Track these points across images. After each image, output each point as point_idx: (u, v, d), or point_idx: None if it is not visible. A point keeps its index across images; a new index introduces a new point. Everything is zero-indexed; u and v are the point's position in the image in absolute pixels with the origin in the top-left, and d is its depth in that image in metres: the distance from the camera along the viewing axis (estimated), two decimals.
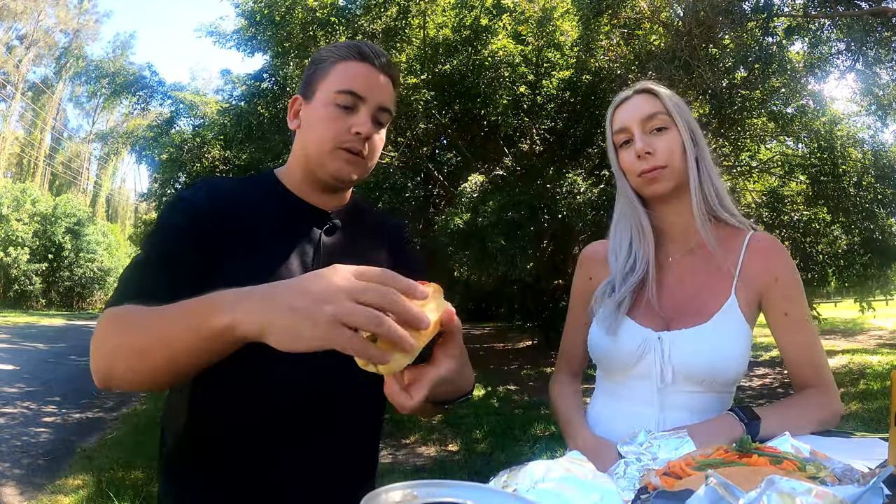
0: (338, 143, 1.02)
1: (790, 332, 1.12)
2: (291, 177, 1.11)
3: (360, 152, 1.04)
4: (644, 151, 1.12)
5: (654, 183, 1.13)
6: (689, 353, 1.08)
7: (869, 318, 11.53)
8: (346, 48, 1.05)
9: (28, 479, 3.93)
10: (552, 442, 4.85)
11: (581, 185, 6.95)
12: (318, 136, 1.03)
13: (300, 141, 1.09)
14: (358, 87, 1.02)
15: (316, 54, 1.10)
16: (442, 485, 0.50)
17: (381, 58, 1.06)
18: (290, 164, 1.12)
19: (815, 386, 1.09)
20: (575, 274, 1.32)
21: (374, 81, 1.04)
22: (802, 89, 7.29)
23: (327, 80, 1.04)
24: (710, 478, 0.57)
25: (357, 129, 1.01)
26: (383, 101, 1.05)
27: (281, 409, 0.97)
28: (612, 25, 6.93)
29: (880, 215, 8.24)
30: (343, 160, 1.03)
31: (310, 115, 1.06)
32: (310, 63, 1.10)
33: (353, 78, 1.03)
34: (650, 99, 1.15)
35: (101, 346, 0.82)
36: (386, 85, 1.06)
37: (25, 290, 23.46)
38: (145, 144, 10.10)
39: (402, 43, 7.90)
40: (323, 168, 1.04)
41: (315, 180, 1.07)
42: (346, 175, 1.04)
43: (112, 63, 15.27)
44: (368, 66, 1.04)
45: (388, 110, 1.07)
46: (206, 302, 0.69)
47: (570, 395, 1.24)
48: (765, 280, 1.12)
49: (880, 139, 8.26)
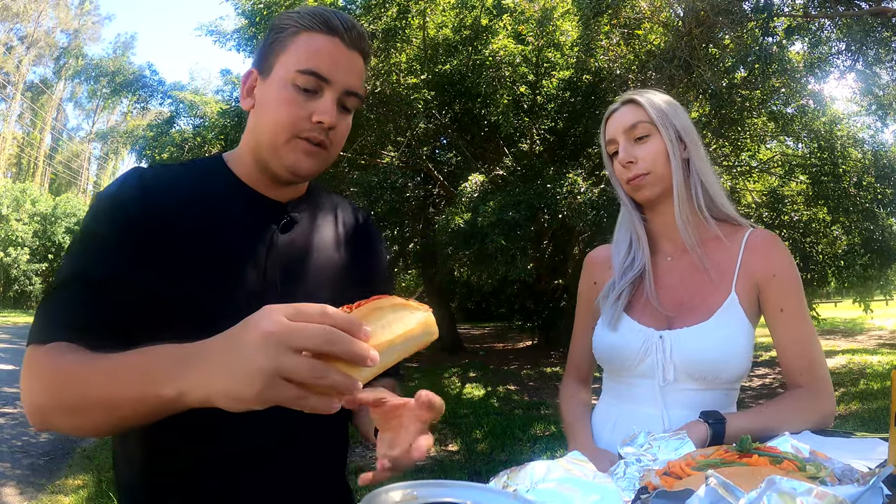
0: (295, 131, 0.87)
1: (785, 329, 1.12)
2: (242, 164, 0.95)
3: (322, 143, 0.89)
4: (626, 161, 1.16)
5: (639, 189, 1.17)
6: (691, 350, 1.09)
7: (869, 317, 11.54)
8: (311, 16, 0.88)
9: (28, 479, 3.93)
10: (552, 442, 4.86)
11: (581, 185, 6.95)
12: (273, 122, 0.88)
13: (252, 125, 0.93)
14: (323, 66, 0.87)
15: (276, 19, 0.92)
16: (442, 485, 0.50)
17: (352, 31, 0.89)
18: (241, 150, 0.96)
19: (807, 386, 1.09)
20: (580, 279, 1.34)
21: (342, 59, 0.88)
22: (802, 89, 7.29)
23: (287, 55, 0.88)
24: (710, 478, 0.57)
25: (319, 118, 0.87)
26: (351, 83, 0.89)
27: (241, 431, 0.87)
28: (612, 25, 6.92)
29: (880, 215, 8.25)
30: (301, 151, 0.88)
31: (265, 94, 0.90)
32: (269, 30, 0.93)
33: (316, 55, 0.87)
34: (633, 109, 1.18)
35: (34, 396, 0.74)
36: (355, 63, 0.90)
37: (25, 290, 23.48)
38: (145, 144, 10.10)
39: (402, 43, 7.91)
40: (278, 160, 0.89)
41: (268, 171, 0.92)
42: (303, 169, 0.90)
43: (112, 62, 15.25)
44: (336, 41, 0.88)
45: (357, 94, 0.91)
46: (147, 370, 0.63)
47: (577, 405, 1.27)
48: (763, 275, 1.12)
49: (880, 139, 8.29)
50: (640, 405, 1.15)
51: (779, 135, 8.66)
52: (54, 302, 0.81)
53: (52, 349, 0.75)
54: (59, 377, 0.72)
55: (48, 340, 0.76)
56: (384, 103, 8.14)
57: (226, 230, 0.90)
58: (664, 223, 1.20)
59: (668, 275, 1.19)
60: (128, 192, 0.86)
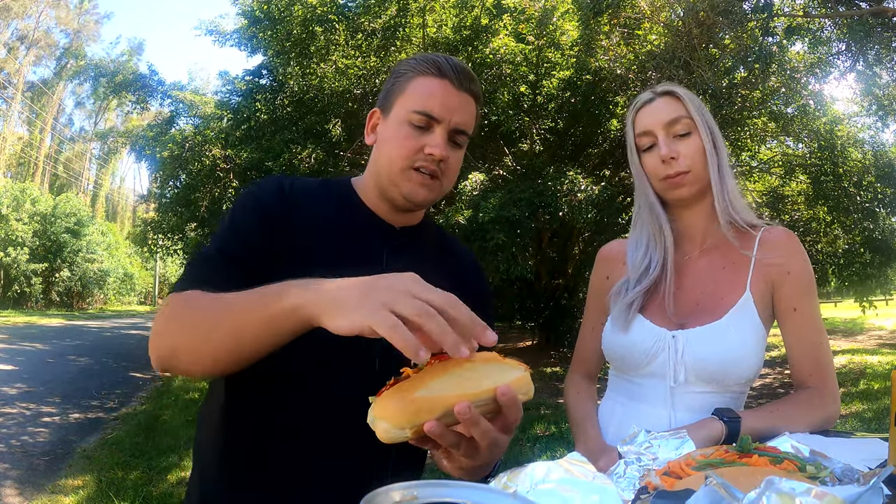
0: (410, 162, 0.99)
1: (797, 329, 1.11)
2: (365, 190, 1.08)
3: (434, 173, 1.00)
4: (669, 157, 1.12)
5: (677, 188, 1.14)
6: (702, 351, 1.08)
7: (869, 317, 11.53)
8: (425, 62, 1.01)
9: (28, 479, 3.93)
10: (552, 442, 4.85)
11: (581, 183, 6.94)
12: (391, 154, 1.00)
13: (374, 157, 1.06)
14: (433, 107, 0.98)
15: (397, 66, 1.06)
16: (442, 485, 0.50)
17: (461, 74, 1.01)
18: (365, 177, 1.09)
19: (815, 387, 1.08)
20: (592, 273, 1.32)
21: (452, 100, 1.00)
22: (802, 89, 7.29)
23: (404, 97, 1.01)
24: (710, 478, 0.57)
25: (430, 150, 0.98)
26: (459, 121, 1.00)
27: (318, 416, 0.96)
28: (612, 25, 6.92)
29: (880, 215, 8.25)
30: (416, 182, 1.00)
31: (385, 131, 1.03)
32: (390, 74, 1.07)
33: (428, 96, 0.99)
34: (673, 102, 1.14)
35: (166, 325, 0.84)
36: (465, 104, 1.01)
37: (25, 290, 23.46)
38: (145, 143, 10.09)
39: (402, 42, 7.90)
40: (395, 187, 1.01)
41: (387, 197, 1.04)
42: (419, 197, 1.01)
43: (111, 62, 15.26)
44: (446, 84, 0.99)
45: (466, 133, 1.03)
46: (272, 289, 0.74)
47: (584, 399, 1.25)
48: (778, 273, 1.11)
49: (880, 139, 8.28)
50: (648, 405, 1.13)
51: (779, 135, 8.65)
52: (196, 266, 0.96)
53: (188, 293, 0.87)
54: (190, 306, 0.84)
55: (185, 289, 0.88)
56: None
57: (341, 238, 1.03)
58: (690, 223, 1.18)
59: (684, 275, 1.17)
60: (267, 190, 1.02)
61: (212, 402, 1.05)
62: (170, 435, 5.09)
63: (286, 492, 0.95)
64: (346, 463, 0.96)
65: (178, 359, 0.84)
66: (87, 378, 7.76)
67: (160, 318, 0.86)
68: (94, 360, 9.46)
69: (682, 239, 1.20)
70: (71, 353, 10.02)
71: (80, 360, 9.33)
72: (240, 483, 0.97)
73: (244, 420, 0.97)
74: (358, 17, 7.85)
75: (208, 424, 1.04)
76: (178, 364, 0.84)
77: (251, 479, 0.96)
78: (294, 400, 0.96)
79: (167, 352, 0.84)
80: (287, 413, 0.96)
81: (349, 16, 7.95)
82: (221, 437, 1.00)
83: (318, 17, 7.70)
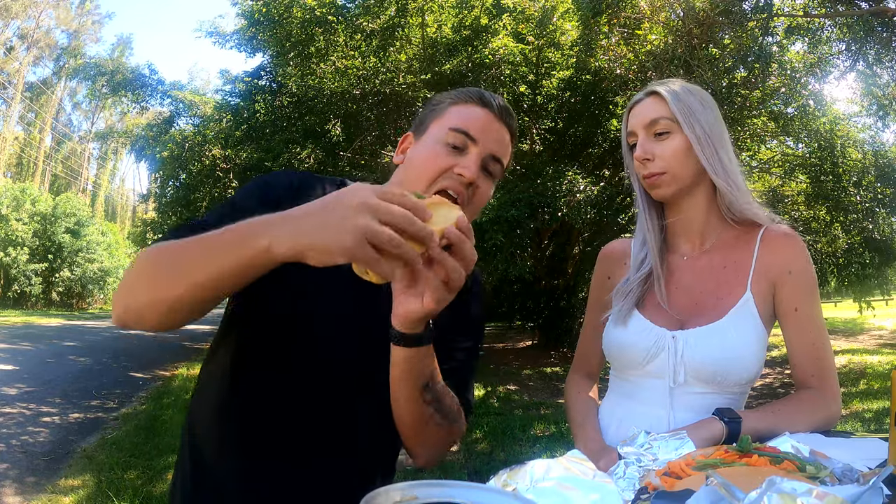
0: (436, 178, 0.95)
1: (798, 329, 1.10)
2: None
3: (461, 197, 0.96)
4: (643, 157, 1.12)
5: (654, 188, 1.14)
6: (702, 351, 1.07)
7: (869, 317, 11.53)
8: (467, 93, 1.02)
9: (28, 479, 3.93)
10: (552, 442, 4.85)
11: (580, 183, 6.94)
12: (418, 172, 0.97)
13: (398, 174, 1.04)
14: (473, 128, 0.97)
15: (433, 98, 1.06)
16: (442, 485, 0.50)
17: (502, 107, 1.01)
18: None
19: (817, 387, 1.08)
20: (594, 272, 1.31)
21: (491, 127, 0.99)
22: (802, 89, 7.29)
23: (441, 119, 1.00)
24: (710, 478, 0.57)
25: (461, 171, 0.95)
26: (496, 150, 1.00)
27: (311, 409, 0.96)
28: (611, 25, 6.92)
29: (880, 215, 8.25)
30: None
31: (416, 151, 1.01)
32: (426, 105, 1.07)
33: (469, 118, 0.98)
34: (655, 102, 1.13)
35: (130, 270, 0.84)
36: (502, 135, 1.01)
37: (25, 290, 23.44)
38: (145, 143, 10.10)
39: (401, 42, 7.90)
40: None
41: None
42: None
43: (111, 62, 15.22)
44: (487, 112, 1.00)
45: (501, 162, 1.01)
46: (243, 227, 0.72)
47: (585, 399, 1.24)
48: (779, 272, 1.10)
49: (880, 139, 8.28)
50: (647, 405, 1.13)
51: (779, 135, 8.65)
52: (180, 229, 0.91)
53: (155, 247, 0.85)
54: (160, 252, 0.82)
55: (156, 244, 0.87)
56: (384, 103, 8.13)
57: None
58: (683, 222, 1.17)
59: (683, 275, 1.16)
60: (278, 182, 1.00)
61: (203, 394, 1.04)
62: (170, 435, 5.08)
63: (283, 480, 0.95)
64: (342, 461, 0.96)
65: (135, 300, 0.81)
66: (87, 378, 7.76)
67: (127, 275, 0.85)
68: (94, 360, 9.45)
69: (680, 237, 1.19)
70: (71, 353, 10.01)
71: (80, 360, 9.32)
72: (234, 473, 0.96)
73: (239, 412, 0.97)
74: (357, 18, 7.84)
75: (200, 418, 1.03)
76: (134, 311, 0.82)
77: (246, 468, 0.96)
78: (289, 391, 0.96)
79: (125, 294, 0.83)
80: (283, 404, 0.96)
81: (348, 16, 7.95)
82: (216, 431, 0.99)
83: (317, 19, 7.70)
